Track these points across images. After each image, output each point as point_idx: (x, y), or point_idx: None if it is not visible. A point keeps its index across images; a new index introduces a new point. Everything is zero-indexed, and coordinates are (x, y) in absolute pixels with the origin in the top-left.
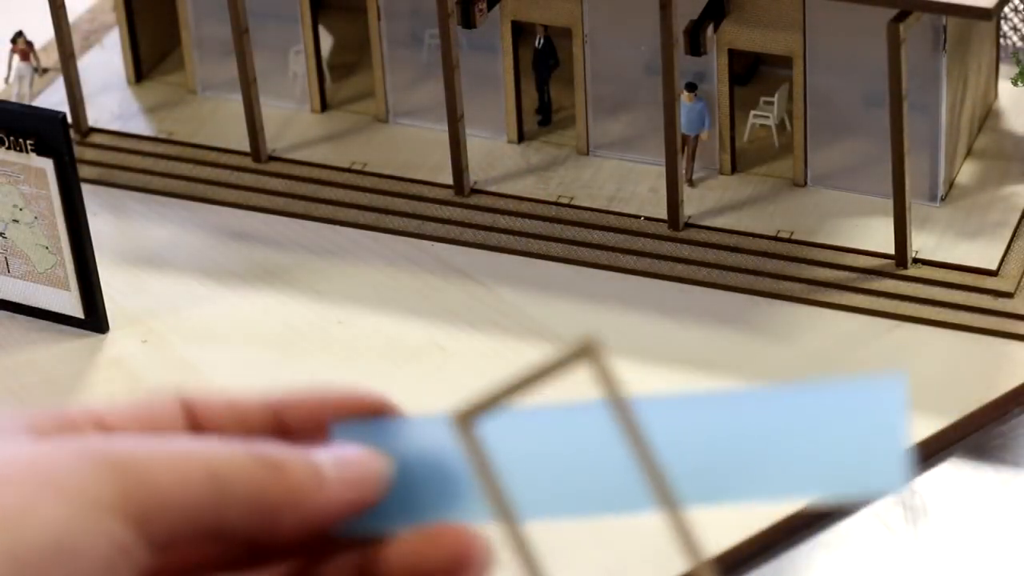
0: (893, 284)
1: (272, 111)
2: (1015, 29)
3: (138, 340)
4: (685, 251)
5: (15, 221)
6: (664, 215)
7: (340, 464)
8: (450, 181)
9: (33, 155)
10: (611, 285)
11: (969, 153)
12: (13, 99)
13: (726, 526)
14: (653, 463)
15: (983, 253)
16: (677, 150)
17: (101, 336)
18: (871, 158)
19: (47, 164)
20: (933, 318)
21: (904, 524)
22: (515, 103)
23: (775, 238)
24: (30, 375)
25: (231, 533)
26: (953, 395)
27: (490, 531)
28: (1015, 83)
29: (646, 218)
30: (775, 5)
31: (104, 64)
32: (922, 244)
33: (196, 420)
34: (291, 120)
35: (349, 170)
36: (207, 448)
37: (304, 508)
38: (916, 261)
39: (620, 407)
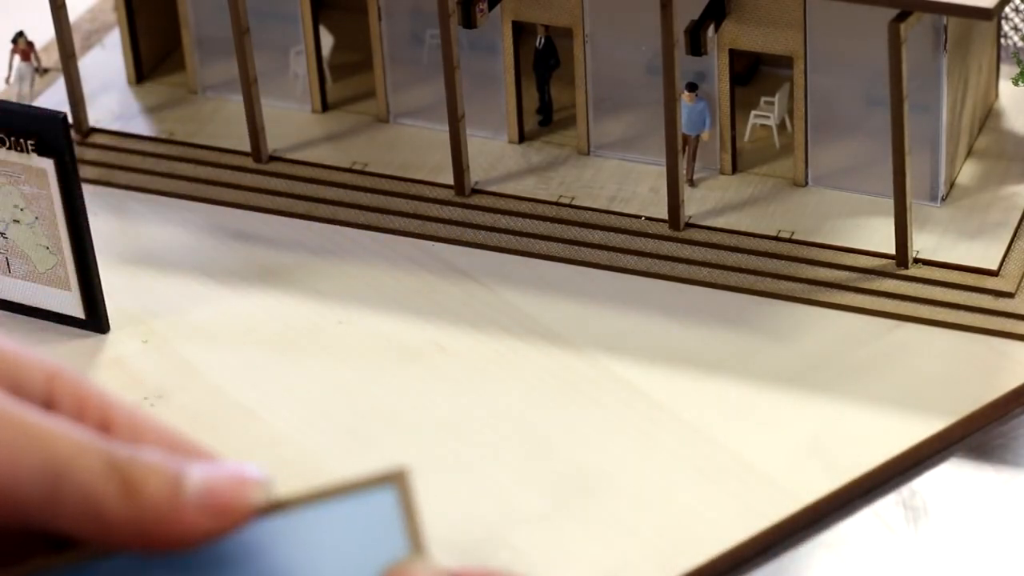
0: (893, 284)
1: (273, 111)
2: (1016, 29)
3: (139, 340)
4: (686, 251)
5: (16, 221)
6: (665, 215)
7: (208, 487)
8: (451, 181)
9: (34, 155)
10: (611, 285)
11: (970, 153)
12: (14, 99)
13: (726, 525)
14: None
15: (984, 253)
16: (678, 150)
17: (102, 336)
18: (872, 158)
19: (48, 164)
20: (933, 318)
21: (904, 524)
22: (516, 103)
23: (775, 238)
24: None
25: (47, 530)
26: (953, 395)
27: None
28: (1015, 83)
29: (647, 218)
30: (776, 5)
31: (105, 64)
32: (923, 244)
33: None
34: (292, 120)
35: (350, 170)
36: (54, 432)
37: (151, 533)
38: (917, 261)
39: (415, 539)
